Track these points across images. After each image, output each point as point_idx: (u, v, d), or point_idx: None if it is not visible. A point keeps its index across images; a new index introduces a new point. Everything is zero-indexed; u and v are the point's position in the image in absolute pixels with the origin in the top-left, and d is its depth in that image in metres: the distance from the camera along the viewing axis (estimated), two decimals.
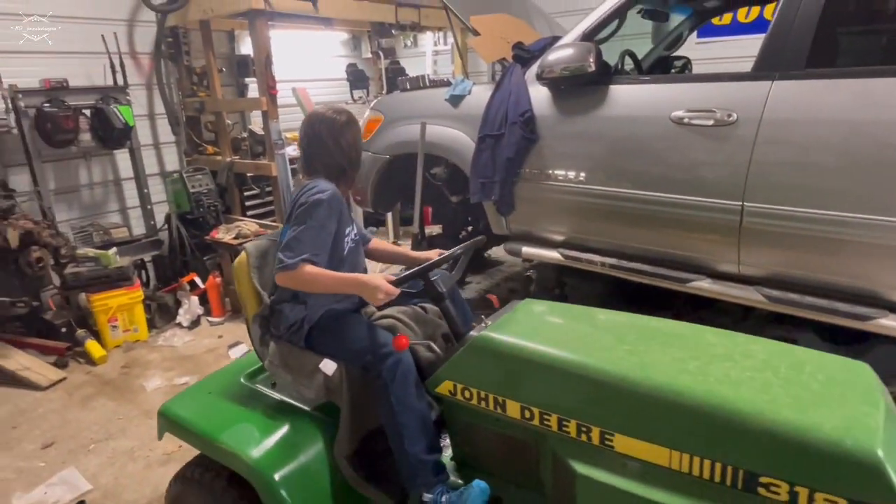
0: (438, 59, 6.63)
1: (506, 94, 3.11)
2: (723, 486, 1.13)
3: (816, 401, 1.16)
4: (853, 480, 1.02)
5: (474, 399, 1.45)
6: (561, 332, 1.51)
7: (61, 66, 4.20)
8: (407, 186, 4.04)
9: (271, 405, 1.77)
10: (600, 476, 1.25)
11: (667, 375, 1.24)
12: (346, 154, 1.75)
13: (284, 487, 1.49)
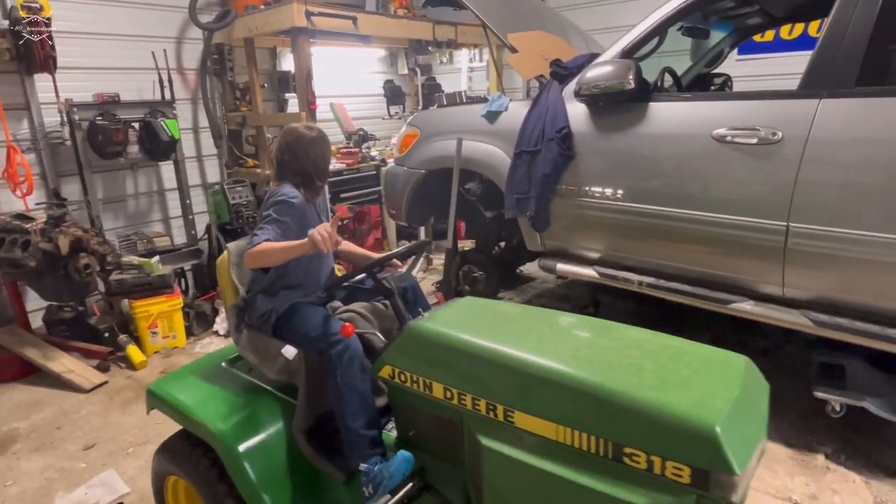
0: (474, 75, 6.69)
1: (543, 111, 3.11)
2: (597, 456, 1.28)
3: (678, 384, 1.31)
4: (695, 451, 1.17)
5: (408, 382, 1.62)
6: (481, 324, 1.66)
7: (114, 82, 4.40)
8: (441, 201, 4.07)
9: (243, 386, 1.95)
10: (502, 448, 1.41)
11: (558, 361, 1.40)
12: (312, 164, 1.94)
13: (246, 456, 1.70)
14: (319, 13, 4.21)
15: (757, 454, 1.25)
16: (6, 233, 3.54)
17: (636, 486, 1.23)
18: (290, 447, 1.78)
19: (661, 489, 1.21)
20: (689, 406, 1.22)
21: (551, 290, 4.84)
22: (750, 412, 1.29)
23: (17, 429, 3.11)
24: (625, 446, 1.24)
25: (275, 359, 1.85)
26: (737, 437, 1.18)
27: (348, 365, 1.67)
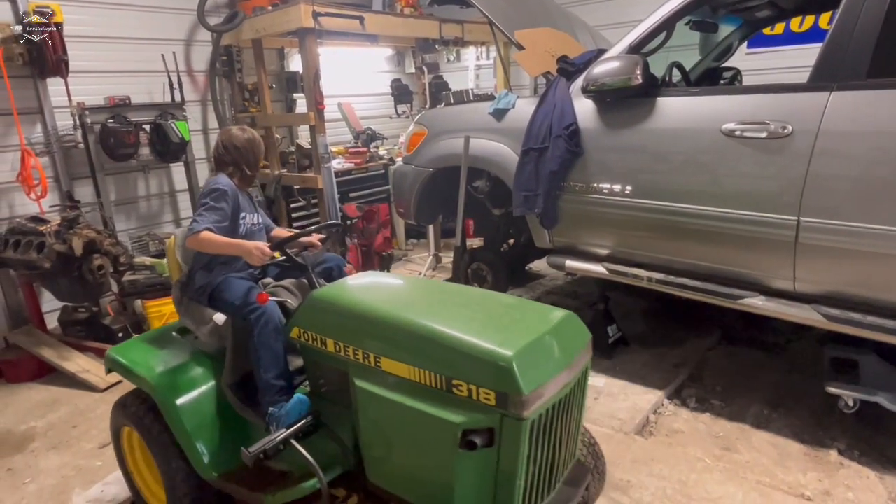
0: (481, 73, 6.68)
1: (550, 108, 3.11)
2: (435, 388, 1.56)
3: (495, 329, 1.61)
4: (497, 379, 1.46)
5: (310, 340, 1.90)
6: (366, 292, 1.96)
7: (125, 84, 4.45)
8: (449, 199, 4.07)
9: (185, 350, 2.23)
10: (372, 388, 1.70)
11: (412, 316, 1.69)
12: (244, 158, 2.26)
13: (181, 408, 1.98)
14: (326, 13, 4.23)
15: (555, 381, 1.54)
16: (21, 235, 3.59)
17: (460, 409, 1.52)
18: (220, 400, 2.08)
19: (476, 410, 1.50)
20: (496, 345, 1.51)
21: (560, 286, 4.83)
22: (552, 350, 1.59)
23: (34, 427, 3.16)
24: (453, 379, 1.54)
25: (208, 325, 2.15)
26: (530, 367, 1.48)
27: (263, 327, 1.95)
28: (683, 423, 2.85)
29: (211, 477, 1.97)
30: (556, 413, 1.59)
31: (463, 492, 1.54)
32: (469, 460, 1.51)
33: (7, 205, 4.09)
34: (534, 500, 1.61)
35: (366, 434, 1.76)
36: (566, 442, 1.69)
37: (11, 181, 4.02)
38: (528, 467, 1.52)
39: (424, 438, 1.61)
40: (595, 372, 3.32)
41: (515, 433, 1.47)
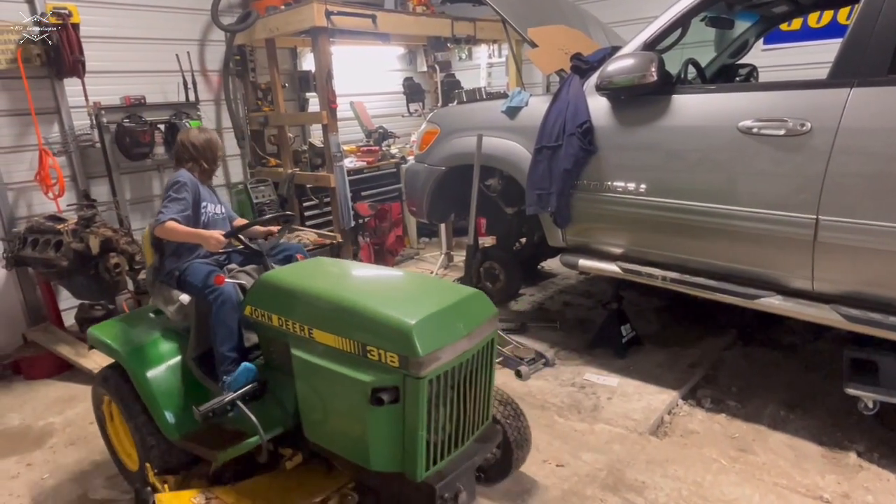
0: (493, 71, 6.66)
1: (563, 106, 3.09)
2: (354, 354, 1.79)
3: (405, 303, 1.86)
4: (399, 344, 1.69)
5: (259, 316, 2.13)
6: (307, 274, 2.18)
7: (140, 84, 4.49)
8: (461, 198, 4.07)
9: (158, 328, 2.46)
10: (305, 356, 1.92)
11: (338, 293, 1.94)
12: (202, 155, 2.53)
13: (150, 378, 2.24)
14: (339, 12, 4.24)
15: (452, 348, 1.75)
16: (40, 234, 3.64)
17: (371, 371, 1.75)
18: (185, 372, 2.33)
19: (384, 371, 1.72)
20: (401, 315, 1.73)
21: (573, 285, 4.81)
22: (451, 321, 1.79)
23: (52, 423, 3.20)
24: (367, 345, 1.76)
25: (175, 304, 2.40)
26: (428, 334, 1.70)
27: (220, 306, 2.20)
28: (699, 424, 2.82)
29: (175, 437, 2.20)
30: (457, 376, 1.81)
31: (376, 443, 1.77)
32: (379, 415, 1.73)
33: (26, 204, 4.14)
34: (441, 452, 1.83)
35: (302, 396, 2.00)
36: (472, 403, 1.90)
37: (30, 180, 4.08)
38: (431, 422, 1.75)
39: (345, 398, 1.84)
40: (608, 371, 3.30)
41: (415, 390, 1.70)
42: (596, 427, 2.81)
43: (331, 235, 4.64)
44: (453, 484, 1.84)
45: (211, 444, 2.12)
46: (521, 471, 2.51)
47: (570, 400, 3.05)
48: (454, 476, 1.85)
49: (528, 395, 3.12)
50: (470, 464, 1.93)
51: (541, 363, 3.41)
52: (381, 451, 1.78)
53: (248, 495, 2.01)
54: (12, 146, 4.02)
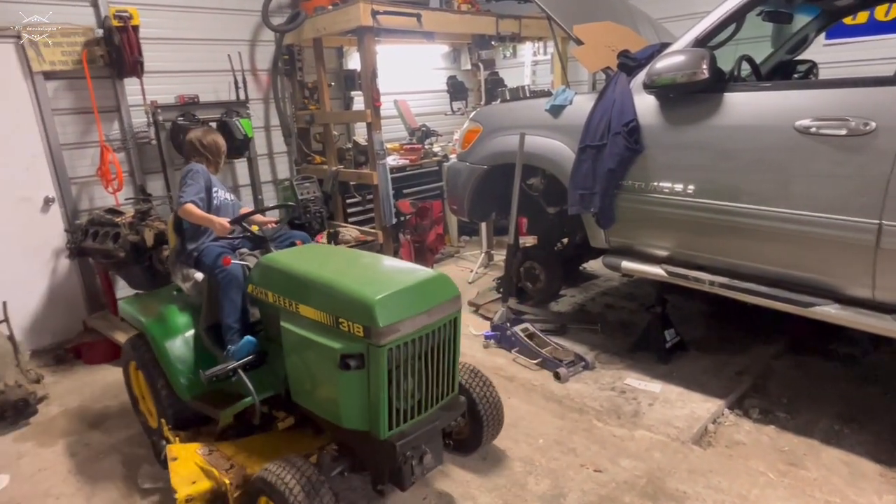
0: (537, 69, 6.59)
1: (609, 104, 3.03)
2: (330, 326, 2.05)
3: (374, 282, 2.08)
4: (364, 316, 1.93)
5: (259, 294, 2.42)
6: (296, 257, 2.45)
7: (193, 84, 4.67)
8: (503, 197, 4.05)
9: (177, 303, 2.79)
10: (292, 328, 2.19)
11: (320, 273, 2.21)
12: (208, 151, 2.95)
13: (167, 346, 2.56)
14: (385, 12, 4.28)
15: (411, 321, 1.98)
16: (100, 226, 3.83)
17: (341, 339, 2.00)
18: (197, 341, 2.64)
19: (351, 340, 1.97)
20: (367, 292, 1.97)
21: (616, 287, 4.71)
22: (412, 298, 2.02)
23: (108, 406, 3.37)
24: (339, 317, 2.01)
25: (191, 281, 2.74)
26: (389, 308, 1.93)
27: (227, 284, 2.50)
28: (745, 435, 2.72)
29: (186, 397, 2.51)
30: (418, 348, 2.03)
31: (346, 403, 2.02)
32: (347, 378, 1.98)
33: (87, 197, 4.37)
34: (405, 415, 2.06)
35: (289, 363, 2.28)
36: (436, 374, 2.12)
37: (91, 175, 4.30)
38: (393, 387, 1.98)
39: (321, 363, 2.09)
40: (650, 377, 3.22)
41: (377, 357, 1.93)
42: (636, 433, 2.75)
43: (372, 233, 4.70)
44: (417, 444, 2.07)
45: (215, 403, 2.44)
46: (557, 474, 2.49)
47: (609, 404, 2.99)
48: (416, 437, 2.05)
49: (567, 398, 3.08)
50: (432, 427, 2.13)
51: (580, 366, 3.36)
52: (350, 411, 2.03)
53: (245, 449, 2.35)
54: (76, 143, 4.24)
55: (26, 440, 3.09)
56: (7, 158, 3.95)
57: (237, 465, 2.23)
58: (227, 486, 2.11)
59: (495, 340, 3.76)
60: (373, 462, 2.16)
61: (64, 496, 2.61)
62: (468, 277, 5.20)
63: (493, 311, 4.19)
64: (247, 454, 2.31)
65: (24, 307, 4.10)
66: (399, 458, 2.02)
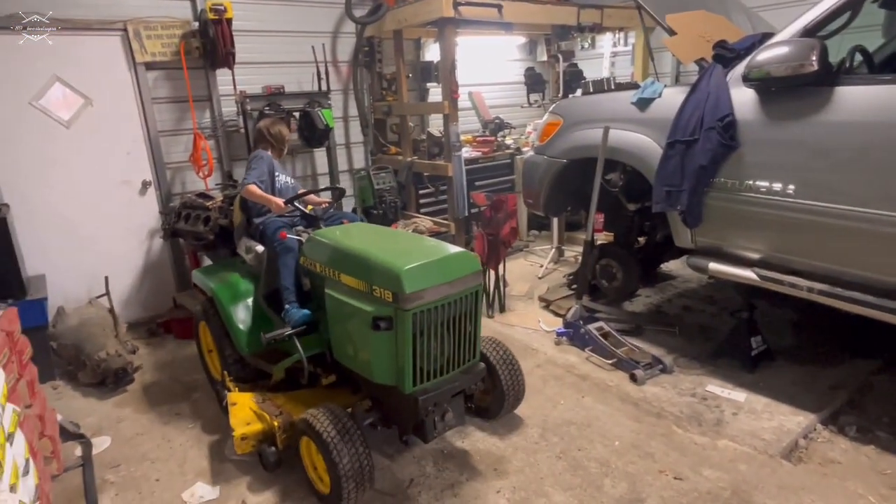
0: (616, 60, 6.38)
1: (703, 97, 2.89)
2: (365, 292, 2.30)
3: (404, 255, 2.30)
4: (393, 283, 2.16)
5: (309, 265, 2.74)
6: (341, 234, 2.75)
7: (279, 75, 4.84)
8: (579, 192, 3.96)
9: (242, 272, 3.16)
10: (334, 294, 2.47)
11: (360, 247, 2.45)
12: (274, 139, 3.29)
13: (231, 309, 2.95)
14: (466, 2, 4.27)
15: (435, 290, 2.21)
16: (192, 209, 4.05)
17: (374, 304, 2.25)
18: (256, 305, 2.98)
19: (382, 304, 2.22)
20: (397, 263, 2.21)
21: (693, 290, 4.52)
22: (436, 270, 2.25)
23: (197, 379, 3.58)
24: (373, 285, 2.26)
25: (253, 253, 3.09)
26: (415, 277, 2.17)
27: (283, 254, 2.81)
28: (841, 454, 2.54)
29: (245, 353, 2.89)
30: (441, 315, 2.24)
31: (376, 360, 2.27)
32: (378, 338, 2.22)
33: (180, 181, 4.64)
34: (428, 375, 2.27)
35: (331, 325, 2.57)
36: (457, 341, 2.33)
37: (184, 161, 4.55)
38: (417, 348, 2.20)
39: (357, 325, 2.35)
40: (734, 385, 3.08)
41: (403, 320, 2.16)
42: (719, 443, 2.63)
43: (445, 223, 4.72)
44: (438, 401, 2.31)
45: (270, 360, 2.86)
46: (635, 478, 2.43)
47: (689, 411, 2.88)
48: (437, 394, 2.28)
49: (644, 402, 2.99)
50: (452, 388, 2.34)
51: (657, 369, 3.25)
52: (381, 366, 2.28)
53: (292, 400, 2.74)
54: (172, 130, 4.51)
55: (125, 406, 3.34)
56: (112, 144, 4.26)
57: (285, 412, 2.61)
58: (275, 428, 2.48)
59: (568, 338, 3.70)
60: (399, 415, 2.43)
61: (159, 460, 2.80)
62: (538, 272, 5.14)
63: (565, 308, 4.13)
64: (293, 404, 2.69)
65: (121, 282, 4.42)
66: (421, 412, 2.27)
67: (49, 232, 4.09)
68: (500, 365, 2.74)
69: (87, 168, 4.18)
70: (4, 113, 3.83)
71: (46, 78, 3.95)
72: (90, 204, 4.24)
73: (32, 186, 3.99)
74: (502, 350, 2.80)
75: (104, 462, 2.81)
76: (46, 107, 3.98)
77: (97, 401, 3.42)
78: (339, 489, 2.20)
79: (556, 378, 3.32)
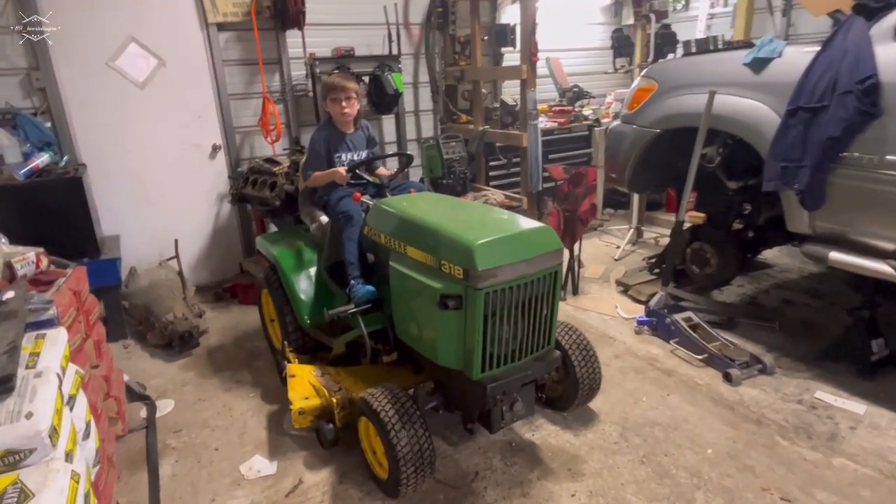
0: (713, 23, 5.77)
1: (837, 56, 2.45)
2: (433, 267, 2.11)
3: (477, 228, 2.10)
4: (464, 258, 1.97)
5: (373, 235, 2.54)
6: (407, 203, 2.51)
7: (349, 37, 4.64)
8: (668, 167, 3.58)
9: (305, 241, 3.02)
10: (399, 268, 2.28)
11: (429, 217, 2.25)
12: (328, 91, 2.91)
13: (293, 277, 2.84)
14: None
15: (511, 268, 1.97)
16: (259, 174, 3.98)
17: (442, 280, 2.05)
18: (318, 276, 2.87)
19: (451, 281, 2.02)
20: (469, 236, 1.99)
21: (794, 281, 4.04)
22: (513, 246, 2.01)
23: (259, 347, 3.54)
24: (441, 259, 2.06)
25: (316, 223, 2.96)
26: (488, 253, 1.94)
27: (347, 226, 2.67)
28: None
29: (306, 325, 2.79)
30: (515, 296, 2.02)
31: (443, 341, 2.09)
32: (445, 317, 2.03)
33: (248, 146, 4.58)
34: (498, 361, 2.08)
35: (394, 301, 2.39)
36: (532, 325, 2.11)
37: (253, 125, 4.48)
38: (488, 331, 2.00)
39: (422, 302, 2.17)
40: (850, 394, 2.68)
41: (474, 300, 1.96)
42: (834, 461, 2.27)
43: (517, 198, 4.43)
44: (507, 390, 2.11)
45: (330, 333, 2.76)
46: (733, 494, 2.12)
47: (796, 420, 2.52)
48: (507, 382, 2.07)
49: (740, 405, 2.65)
50: (524, 376, 2.13)
51: (756, 368, 2.89)
52: (447, 349, 2.10)
53: (352, 376, 2.60)
54: (242, 93, 4.43)
55: (189, 370, 3.33)
56: (184, 106, 4.23)
57: (344, 389, 2.48)
58: (334, 404, 2.37)
59: (650, 327, 3.37)
60: (464, 402, 2.23)
61: (219, 428, 2.75)
62: (614, 254, 4.78)
63: (646, 294, 3.79)
64: (353, 380, 2.57)
65: (190, 246, 4.44)
66: (489, 400, 2.08)
67: (123, 193, 4.13)
68: (574, 352, 2.49)
69: (160, 131, 4.18)
70: (83, 74, 3.85)
71: (122, 38, 3.94)
72: (162, 167, 4.24)
73: (107, 148, 4.03)
74: (577, 335, 2.55)
75: (167, 426, 2.79)
76: (122, 68, 3.97)
77: (164, 362, 3.43)
78: (397, 473, 2.06)
79: (636, 371, 3.02)
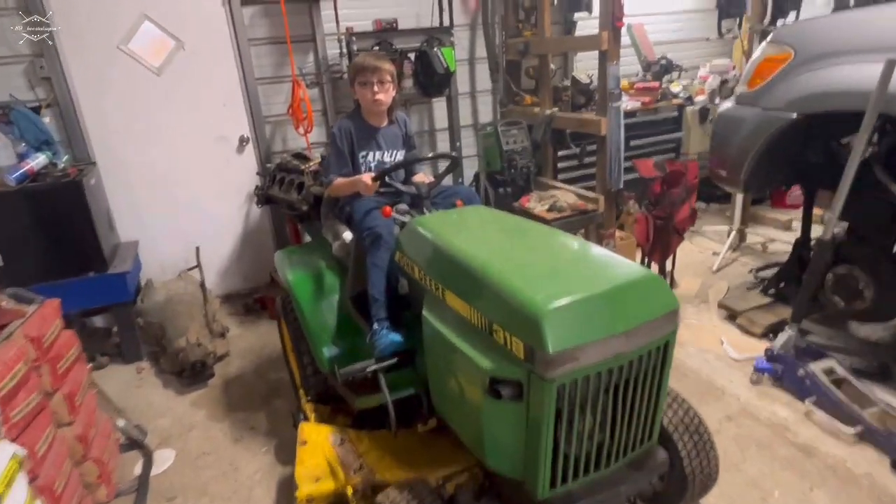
0: None
1: None
2: (481, 330, 1.50)
3: (550, 278, 1.48)
4: (527, 330, 1.34)
5: (405, 264, 1.96)
6: (456, 225, 1.94)
7: (392, 7, 3.97)
8: (797, 162, 2.73)
9: (331, 259, 2.44)
10: (434, 320, 1.70)
11: (478, 253, 1.64)
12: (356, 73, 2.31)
13: (311, 312, 2.24)
14: None
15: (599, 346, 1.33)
16: (286, 172, 3.42)
17: (493, 355, 1.43)
18: (340, 305, 2.28)
19: (507, 360, 1.40)
20: (535, 294, 1.37)
21: None
22: (604, 311, 1.36)
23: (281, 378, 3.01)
24: (493, 323, 1.44)
25: (340, 239, 2.40)
26: (566, 325, 1.32)
27: (373, 246, 2.05)
28: None
29: (325, 370, 2.16)
30: (605, 382, 1.39)
31: (492, 440, 1.48)
32: (497, 409, 1.42)
33: (281, 138, 4.04)
34: (576, 470, 1.46)
35: (429, 362, 1.79)
36: (628, 418, 1.48)
37: (284, 114, 3.92)
38: (561, 431, 1.39)
39: (465, 379, 1.56)
40: None
41: (541, 393, 1.34)
42: None
43: (592, 198, 3.64)
44: None
45: (353, 387, 2.08)
46: None
47: None
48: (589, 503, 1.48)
49: None
50: (613, 493, 1.52)
51: None
52: (498, 450, 1.50)
53: (379, 446, 1.99)
54: (271, 77, 3.87)
55: (200, 407, 2.87)
56: (206, 94, 3.72)
57: (366, 467, 1.90)
58: (349, 495, 1.80)
59: (772, 376, 2.56)
60: None
61: (219, 498, 2.24)
62: (711, 263, 3.91)
63: (760, 325, 2.98)
64: (379, 453, 1.96)
65: (218, 250, 4.00)
66: None
67: (142, 193, 3.70)
68: (681, 437, 1.77)
69: (181, 122, 3.69)
70: (93, 60, 3.40)
71: (135, 17, 3.44)
72: (184, 162, 3.77)
73: (122, 143, 3.58)
74: (684, 411, 1.81)
75: (161, 489, 2.31)
76: (135, 51, 3.49)
77: (175, 394, 2.99)
78: None
79: (759, 445, 2.24)
